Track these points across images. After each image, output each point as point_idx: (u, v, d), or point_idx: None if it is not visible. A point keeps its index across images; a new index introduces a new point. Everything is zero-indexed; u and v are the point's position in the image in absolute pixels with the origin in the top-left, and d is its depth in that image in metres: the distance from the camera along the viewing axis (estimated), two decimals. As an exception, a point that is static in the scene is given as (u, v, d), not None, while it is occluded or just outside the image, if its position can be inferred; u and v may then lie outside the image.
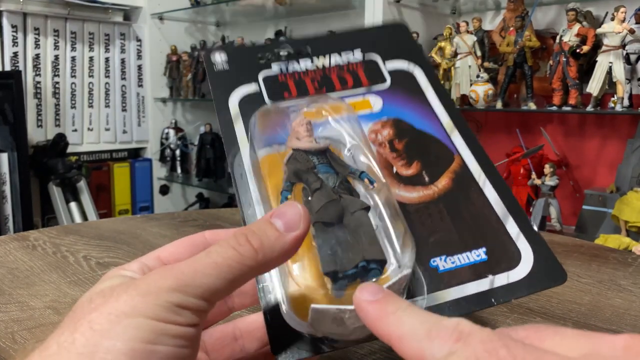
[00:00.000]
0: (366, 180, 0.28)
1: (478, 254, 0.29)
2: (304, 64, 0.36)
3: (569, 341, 0.19)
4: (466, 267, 0.29)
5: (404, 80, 0.36)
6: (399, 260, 0.25)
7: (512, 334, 0.20)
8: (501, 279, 0.28)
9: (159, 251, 0.28)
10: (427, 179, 0.32)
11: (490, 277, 0.28)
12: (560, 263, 0.29)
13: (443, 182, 0.32)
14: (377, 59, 0.37)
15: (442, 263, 0.29)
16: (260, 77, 0.35)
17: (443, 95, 0.36)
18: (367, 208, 0.27)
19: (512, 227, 0.30)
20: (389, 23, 0.40)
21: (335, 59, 0.37)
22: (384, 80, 0.36)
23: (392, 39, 0.39)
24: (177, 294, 0.21)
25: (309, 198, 0.27)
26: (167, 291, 0.21)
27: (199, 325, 0.22)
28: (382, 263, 0.25)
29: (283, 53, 0.36)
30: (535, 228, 0.31)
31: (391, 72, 0.37)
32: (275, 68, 0.36)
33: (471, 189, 0.32)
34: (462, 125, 0.35)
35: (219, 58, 0.36)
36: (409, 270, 0.25)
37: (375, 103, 0.35)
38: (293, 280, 0.25)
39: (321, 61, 0.36)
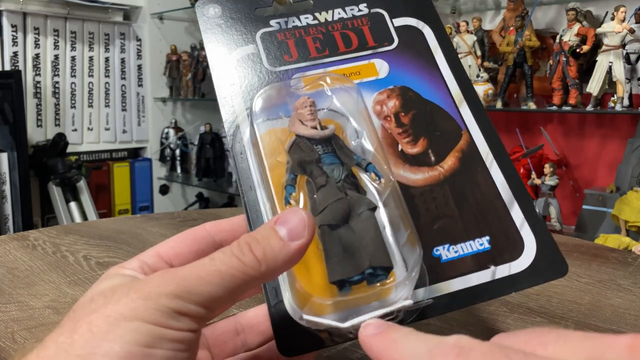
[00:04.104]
0: (373, 174, 0.28)
1: (481, 243, 0.29)
2: (305, 20, 0.34)
3: (572, 345, 0.18)
4: (469, 257, 0.28)
5: (412, 40, 0.34)
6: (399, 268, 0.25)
7: (513, 339, 0.20)
8: (503, 271, 0.28)
9: (159, 247, 0.27)
10: (433, 158, 0.31)
11: (492, 268, 0.28)
12: (562, 254, 0.29)
13: (449, 162, 0.31)
14: (384, 14, 0.35)
15: (445, 252, 0.28)
16: (258, 36, 0.33)
17: (453, 59, 0.34)
18: (374, 208, 0.26)
19: (517, 214, 0.30)
20: None
21: (339, 13, 0.34)
22: (391, 40, 0.34)
23: None
24: (177, 300, 0.21)
25: (314, 195, 0.27)
26: (167, 297, 0.21)
27: (198, 331, 0.22)
28: (388, 269, 0.25)
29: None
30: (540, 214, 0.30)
31: (398, 30, 0.34)
32: (274, 24, 0.33)
33: (478, 170, 0.31)
34: (471, 96, 0.33)
35: (212, 12, 0.33)
36: (410, 302, 0.24)
37: (382, 68, 0.33)
38: (299, 284, 0.25)
39: (323, 16, 0.34)
